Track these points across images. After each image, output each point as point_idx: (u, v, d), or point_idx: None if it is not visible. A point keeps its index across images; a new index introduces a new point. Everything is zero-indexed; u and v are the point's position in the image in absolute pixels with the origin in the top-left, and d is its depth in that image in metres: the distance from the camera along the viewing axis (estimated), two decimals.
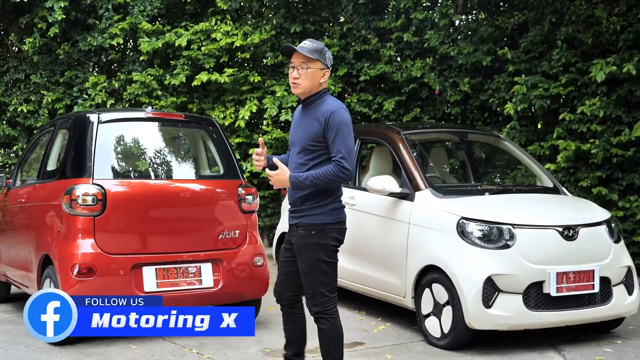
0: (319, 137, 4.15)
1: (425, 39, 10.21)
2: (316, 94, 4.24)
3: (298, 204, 4.25)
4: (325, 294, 4.27)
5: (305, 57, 4.17)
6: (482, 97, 9.95)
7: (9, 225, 7.04)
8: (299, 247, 4.26)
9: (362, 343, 5.90)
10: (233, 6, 10.94)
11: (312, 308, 4.30)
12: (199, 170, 6.57)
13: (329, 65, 4.26)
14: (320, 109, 4.18)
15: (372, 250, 6.60)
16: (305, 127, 4.22)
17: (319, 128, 4.14)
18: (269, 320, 6.68)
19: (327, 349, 4.32)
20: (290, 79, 4.25)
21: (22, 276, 6.57)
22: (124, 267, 5.63)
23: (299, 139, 4.25)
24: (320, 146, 4.17)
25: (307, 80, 4.19)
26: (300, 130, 4.26)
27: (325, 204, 4.21)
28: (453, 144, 7.29)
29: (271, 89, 10.83)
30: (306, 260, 4.23)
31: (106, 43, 11.12)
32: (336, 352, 4.31)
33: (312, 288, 4.25)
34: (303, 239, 4.23)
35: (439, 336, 5.75)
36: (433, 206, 5.99)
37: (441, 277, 5.72)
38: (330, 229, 4.23)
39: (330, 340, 4.29)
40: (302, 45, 4.20)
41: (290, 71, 4.24)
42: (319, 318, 4.29)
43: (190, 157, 6.63)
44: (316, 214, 4.20)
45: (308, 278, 4.26)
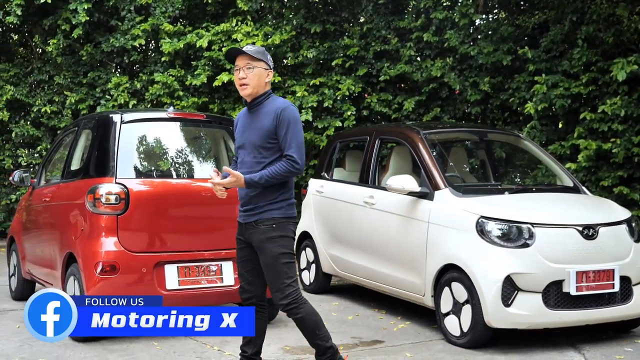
0: (272, 134, 4.31)
1: (445, 38, 10.22)
2: (262, 94, 4.40)
3: (255, 201, 4.36)
4: (292, 285, 4.37)
5: (250, 57, 4.33)
6: (502, 97, 9.93)
7: (34, 224, 7.15)
8: (261, 242, 4.35)
9: (382, 341, 5.93)
10: (254, 7, 11.02)
11: (281, 302, 4.36)
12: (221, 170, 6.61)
13: (271, 67, 4.44)
14: (269, 108, 4.33)
15: (391, 249, 6.63)
16: (257, 127, 4.34)
17: (270, 126, 4.29)
18: (289, 319, 6.65)
19: (312, 333, 4.40)
20: (237, 81, 4.37)
21: (46, 274, 6.67)
22: (146, 265, 5.70)
23: (251, 140, 4.36)
24: (273, 143, 4.32)
25: (254, 79, 4.32)
26: (251, 131, 4.37)
27: (283, 199, 4.37)
28: (473, 143, 7.30)
29: (291, 89, 10.89)
30: (270, 254, 4.33)
31: (128, 44, 11.24)
32: (322, 333, 4.41)
33: (279, 281, 4.34)
34: (265, 234, 4.33)
35: (459, 335, 5.76)
36: (452, 205, 6.01)
37: (460, 275, 5.74)
38: (288, 223, 4.39)
39: (311, 324, 4.39)
40: (246, 48, 4.37)
41: (236, 73, 4.37)
42: (291, 309, 4.36)
43: (212, 157, 6.69)
44: (276, 209, 4.35)
45: (273, 271, 4.35)
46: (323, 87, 10.68)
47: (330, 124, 10.50)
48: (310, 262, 8.10)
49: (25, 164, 12.06)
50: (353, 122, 10.46)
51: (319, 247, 7.88)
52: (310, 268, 8.11)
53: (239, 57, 4.36)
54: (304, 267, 8.26)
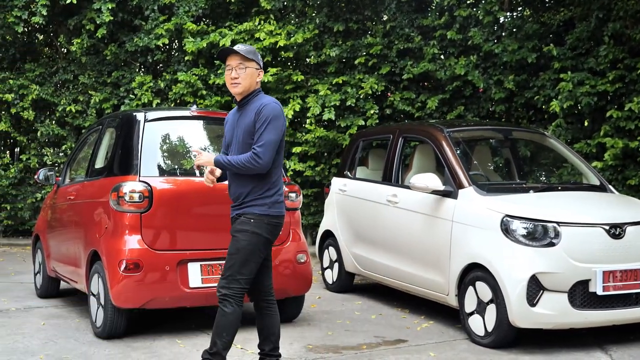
0: (254, 132, 4.31)
1: (469, 36, 10.14)
2: (252, 93, 4.41)
3: (242, 197, 4.37)
4: (240, 282, 4.33)
5: (242, 57, 4.35)
6: (527, 95, 9.83)
7: (58, 222, 7.20)
8: (234, 231, 4.38)
9: (405, 340, 5.89)
10: (276, 6, 11.02)
11: (221, 289, 4.34)
12: None
13: (261, 66, 4.46)
14: (254, 105, 4.36)
15: (414, 247, 6.59)
16: (243, 125, 4.37)
17: (253, 123, 4.31)
18: (312, 317, 6.72)
19: (220, 332, 4.33)
20: (228, 80, 4.39)
21: (71, 272, 6.71)
22: (169, 263, 5.71)
23: (238, 137, 4.39)
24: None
25: (246, 79, 4.35)
26: (238, 129, 4.40)
27: (267, 196, 4.36)
28: (497, 141, 7.23)
29: (314, 88, 10.87)
30: (236, 245, 4.34)
31: (152, 44, 11.30)
32: (227, 338, 4.36)
33: (230, 272, 4.33)
34: (240, 225, 4.36)
35: (483, 334, 5.71)
36: (477, 204, 5.96)
37: (485, 275, 5.68)
38: (268, 221, 4.36)
39: (227, 324, 4.32)
40: (237, 47, 4.37)
41: (228, 73, 4.38)
42: (224, 300, 4.32)
43: None
44: (258, 205, 4.34)
45: (230, 261, 4.34)
46: (346, 86, 10.65)
47: (353, 122, 10.47)
48: (333, 260, 8.08)
49: (51, 163, 12.17)
50: (376, 121, 10.41)
51: (342, 245, 7.86)
52: (333, 267, 8.08)
53: (230, 57, 4.39)
54: (326, 265, 8.23)
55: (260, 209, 4.34)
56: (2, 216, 12.51)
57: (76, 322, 6.47)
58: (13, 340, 5.81)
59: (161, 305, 5.79)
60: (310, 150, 10.77)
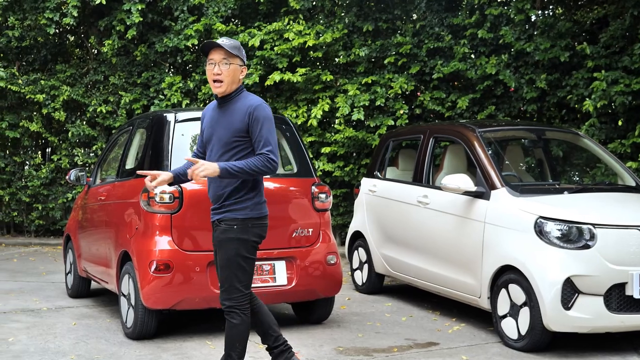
0: (242, 131, 4.18)
1: (500, 35, 10.02)
2: (235, 90, 4.27)
3: (222, 200, 4.24)
4: (240, 290, 4.23)
5: (227, 52, 4.20)
6: (559, 94, 9.69)
7: (89, 222, 7.23)
8: (219, 241, 4.25)
9: (437, 343, 5.82)
10: (305, 5, 10.99)
11: (224, 302, 4.25)
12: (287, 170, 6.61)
13: (245, 63, 4.33)
14: (241, 104, 4.21)
15: (446, 249, 6.51)
16: (226, 123, 4.21)
17: (242, 123, 4.17)
18: (342, 319, 6.68)
19: (233, 343, 4.27)
20: (210, 75, 4.22)
21: (102, 272, 6.74)
22: (199, 264, 5.69)
23: (220, 135, 4.23)
24: (243, 141, 4.19)
25: (229, 76, 4.21)
26: (220, 127, 4.24)
27: (248, 199, 4.23)
28: (530, 141, 7.12)
29: (343, 88, 10.82)
30: (225, 255, 4.22)
31: (181, 44, 11.33)
32: (240, 347, 4.29)
33: (228, 283, 4.22)
34: (224, 233, 4.22)
35: (516, 338, 5.62)
36: (509, 205, 5.86)
37: (518, 277, 5.59)
38: (252, 224, 4.24)
39: (238, 335, 4.26)
40: (222, 41, 4.22)
41: (210, 67, 4.22)
42: (230, 312, 4.24)
43: None
44: (239, 209, 4.21)
45: (225, 272, 4.24)
46: (375, 86, 10.59)
47: (382, 122, 10.40)
48: (363, 262, 8.02)
49: (81, 163, 12.26)
50: (406, 121, 10.33)
51: (372, 247, 7.80)
52: (363, 268, 8.03)
53: (214, 51, 4.22)
54: (356, 267, 8.18)
55: (242, 213, 4.21)
56: (33, 216, 12.64)
57: (107, 323, 6.50)
58: (44, 340, 5.84)
59: (191, 306, 5.78)
60: (339, 151, 10.73)
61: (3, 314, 6.86)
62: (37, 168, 12.61)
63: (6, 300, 7.54)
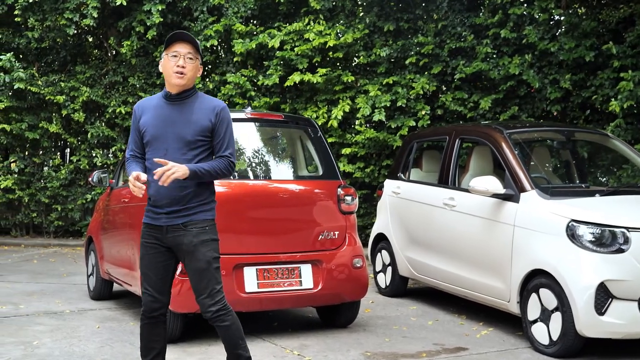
0: (207, 130, 4.04)
1: (523, 34, 9.90)
2: (192, 88, 4.12)
3: (183, 202, 4.03)
4: (221, 290, 4.11)
5: (194, 47, 4.07)
6: (584, 94, 9.56)
7: (112, 224, 7.18)
8: (194, 245, 4.04)
9: (466, 348, 5.72)
10: (326, 6, 10.92)
11: (210, 309, 4.06)
12: (298, 171, 6.55)
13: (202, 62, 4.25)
14: (205, 103, 4.07)
15: (473, 252, 6.42)
16: (187, 121, 4.02)
17: (209, 122, 4.03)
18: (367, 323, 6.59)
19: (236, 342, 4.13)
20: (173, 67, 4.00)
21: (124, 274, 6.69)
22: (226, 267, 5.61)
23: (181, 133, 4.02)
24: (206, 140, 4.06)
25: (191, 72, 4.05)
26: (179, 124, 4.02)
27: (211, 200, 4.18)
28: (558, 142, 7.00)
29: (363, 89, 10.74)
30: (204, 258, 4.04)
31: (201, 45, 11.28)
32: (244, 342, 4.17)
33: (210, 287, 4.06)
34: (198, 236, 4.05)
35: (547, 343, 5.51)
36: (540, 208, 5.76)
37: (549, 282, 5.49)
38: (215, 226, 4.21)
39: (237, 333, 4.13)
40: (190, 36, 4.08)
41: (174, 60, 4.01)
42: (220, 316, 4.06)
43: (290, 158, 6.60)
44: (207, 210, 4.13)
45: (205, 277, 4.06)
46: (396, 86, 10.49)
47: (403, 123, 10.30)
48: (386, 264, 7.93)
49: (100, 164, 12.25)
50: (427, 122, 10.24)
51: (396, 249, 7.71)
52: (386, 271, 7.94)
53: (180, 44, 4.03)
54: (379, 269, 8.09)
55: (210, 213, 4.13)
56: (52, 217, 12.63)
57: (131, 326, 6.44)
58: (69, 343, 5.79)
59: None
60: (360, 152, 10.64)
61: (26, 316, 6.82)
62: (56, 169, 12.61)
63: (28, 302, 7.51)
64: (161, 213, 4.07)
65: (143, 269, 4.17)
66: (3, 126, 12.14)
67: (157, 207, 4.08)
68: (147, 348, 4.28)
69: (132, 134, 4.20)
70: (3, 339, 5.92)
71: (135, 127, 4.14)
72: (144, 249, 4.15)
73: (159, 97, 4.16)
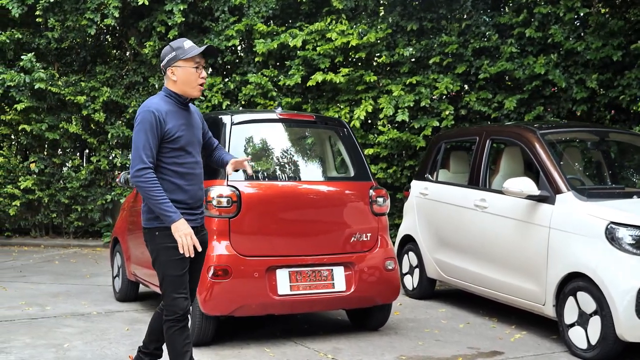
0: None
1: (549, 34, 9.78)
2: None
3: (200, 204, 4.27)
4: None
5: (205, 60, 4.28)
6: (610, 94, 9.45)
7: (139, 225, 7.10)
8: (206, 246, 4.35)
9: (501, 352, 5.64)
10: (348, 5, 10.83)
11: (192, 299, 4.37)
12: (330, 172, 6.48)
13: None
14: (194, 110, 4.32)
15: (506, 254, 6.33)
16: (197, 125, 4.28)
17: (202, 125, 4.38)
18: (397, 326, 6.52)
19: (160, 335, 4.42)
20: (198, 79, 4.14)
21: (152, 275, 6.61)
22: (258, 269, 5.57)
23: (199, 137, 4.30)
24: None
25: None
26: (195, 129, 4.25)
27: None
28: (592, 143, 6.90)
29: (386, 89, 10.65)
30: (202, 256, 4.29)
31: (222, 45, 11.22)
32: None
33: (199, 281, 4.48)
34: (203, 237, 4.31)
35: (585, 347, 5.42)
36: (577, 210, 5.67)
37: (588, 285, 5.40)
38: None
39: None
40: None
41: (199, 71, 4.16)
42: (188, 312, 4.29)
43: (321, 159, 6.54)
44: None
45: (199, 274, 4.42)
46: (419, 86, 10.40)
47: (427, 123, 10.21)
48: (414, 266, 7.85)
49: (120, 164, 12.21)
50: (451, 122, 10.13)
51: (424, 251, 7.63)
52: (414, 273, 7.86)
53: (200, 57, 4.18)
54: (406, 271, 8.01)
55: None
56: (72, 217, 12.61)
57: None
58: (100, 346, 5.74)
59: (249, 313, 5.66)
60: (382, 152, 10.55)
61: (54, 318, 6.78)
62: (76, 170, 12.57)
63: (55, 303, 7.47)
64: (197, 214, 4.19)
65: (177, 272, 4.11)
66: (23, 126, 12.13)
67: (193, 208, 4.16)
68: (181, 353, 4.24)
69: (149, 139, 3.99)
70: (34, 341, 5.88)
71: (157, 132, 4.01)
72: (174, 252, 4.07)
73: (168, 101, 4.15)
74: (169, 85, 4.16)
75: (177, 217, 3.97)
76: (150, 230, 4.12)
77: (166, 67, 4.14)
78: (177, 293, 4.12)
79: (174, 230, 3.96)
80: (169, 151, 4.06)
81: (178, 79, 4.11)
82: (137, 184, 3.98)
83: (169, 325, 4.15)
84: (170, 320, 4.14)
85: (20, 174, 12.52)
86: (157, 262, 4.13)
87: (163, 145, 4.04)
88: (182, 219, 3.98)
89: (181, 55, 4.10)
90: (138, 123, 4.03)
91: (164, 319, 4.18)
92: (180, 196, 4.10)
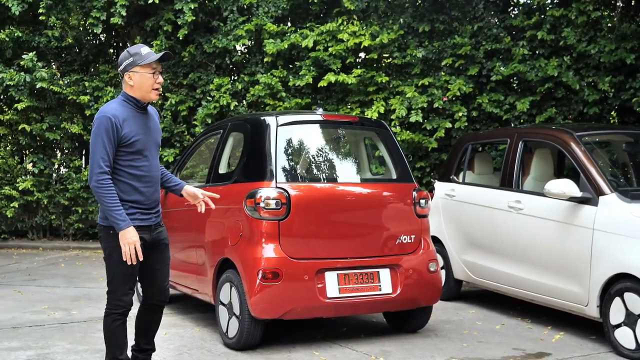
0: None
1: (561, 36, 9.87)
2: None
3: (156, 204, 4.40)
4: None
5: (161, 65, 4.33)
6: (622, 97, 9.55)
7: (171, 228, 6.96)
8: (166, 242, 4.47)
9: (548, 354, 5.65)
10: (359, 6, 10.82)
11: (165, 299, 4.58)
12: (374, 174, 6.46)
13: None
14: (152, 113, 4.42)
15: (544, 256, 6.35)
16: (155, 128, 4.38)
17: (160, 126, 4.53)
18: (435, 327, 6.51)
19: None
20: (153, 84, 4.23)
21: (189, 280, 6.55)
22: (308, 272, 5.52)
23: (157, 140, 4.40)
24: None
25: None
26: (154, 132, 4.35)
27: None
28: (628, 145, 6.95)
29: (397, 90, 10.65)
30: (166, 252, 4.49)
31: (231, 45, 11.13)
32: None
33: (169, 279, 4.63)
34: (163, 235, 4.47)
35: (634, 348, 5.46)
36: (622, 211, 5.70)
37: (636, 285, 5.44)
38: None
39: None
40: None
41: (156, 76, 4.24)
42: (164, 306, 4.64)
43: (365, 160, 6.51)
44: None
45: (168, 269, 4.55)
46: (431, 88, 10.42)
47: (439, 125, 10.23)
48: (440, 267, 7.83)
49: None
50: (465, 124, 10.16)
51: (451, 252, 7.63)
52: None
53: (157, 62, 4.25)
54: None
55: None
56: (72, 219, 12.41)
57: (197, 332, 6.30)
58: None
59: (299, 316, 5.60)
60: None
61: (84, 322, 6.66)
62: (77, 171, 12.38)
63: (78, 307, 7.34)
64: (152, 214, 4.34)
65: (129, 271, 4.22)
66: (23, 126, 11.91)
67: (149, 209, 4.32)
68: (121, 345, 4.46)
69: (105, 145, 4.09)
70: (74, 346, 5.77)
71: (113, 137, 4.11)
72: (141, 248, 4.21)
73: (126, 105, 4.23)
74: (126, 90, 4.25)
75: (126, 225, 4.09)
76: (105, 228, 4.23)
77: (124, 72, 4.24)
78: (126, 289, 4.30)
79: (121, 237, 4.10)
80: (126, 154, 4.18)
81: (135, 84, 4.20)
82: (93, 189, 4.12)
83: (113, 319, 4.33)
84: (116, 314, 4.32)
85: (19, 174, 12.30)
86: (110, 260, 4.25)
87: (120, 149, 4.15)
88: (130, 226, 4.10)
89: (138, 61, 4.19)
90: (95, 128, 4.14)
91: (106, 312, 4.32)
92: (137, 197, 4.23)
